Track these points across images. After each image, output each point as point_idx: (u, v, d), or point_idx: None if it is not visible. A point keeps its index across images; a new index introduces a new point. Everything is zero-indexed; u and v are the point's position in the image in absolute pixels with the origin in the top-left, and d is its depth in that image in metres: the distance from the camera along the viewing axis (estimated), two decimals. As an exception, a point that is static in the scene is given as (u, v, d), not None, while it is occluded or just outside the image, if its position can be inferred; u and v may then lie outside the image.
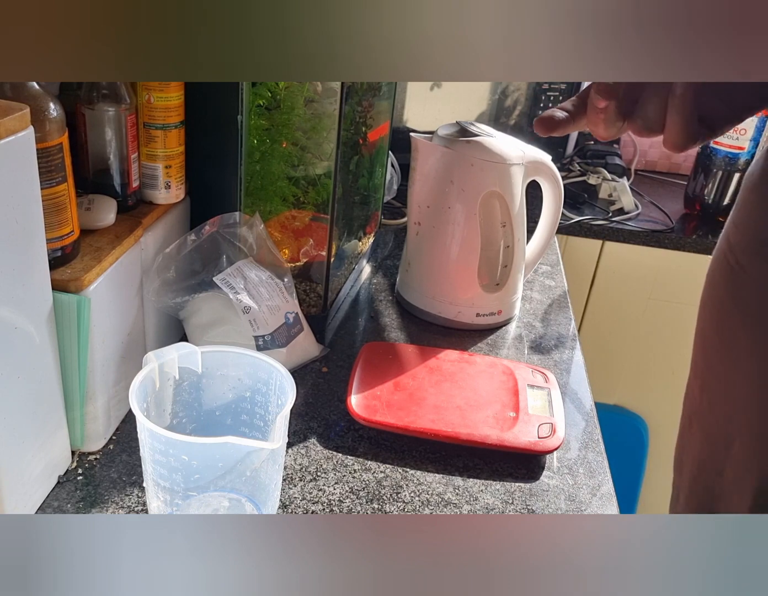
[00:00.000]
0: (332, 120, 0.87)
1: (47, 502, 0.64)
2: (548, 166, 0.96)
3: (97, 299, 0.63)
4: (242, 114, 0.76)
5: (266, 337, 0.79)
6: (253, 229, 0.83)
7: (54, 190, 0.59)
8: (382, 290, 1.09)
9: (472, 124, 0.95)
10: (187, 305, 0.80)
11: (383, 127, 1.13)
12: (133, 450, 0.70)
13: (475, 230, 0.94)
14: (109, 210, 0.69)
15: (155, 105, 0.71)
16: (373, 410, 0.76)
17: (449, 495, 0.70)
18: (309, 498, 0.68)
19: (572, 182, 1.61)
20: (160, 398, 0.63)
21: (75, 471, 0.67)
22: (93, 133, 0.70)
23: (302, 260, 0.97)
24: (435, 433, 0.74)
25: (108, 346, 0.68)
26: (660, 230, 1.48)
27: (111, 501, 0.65)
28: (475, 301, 0.97)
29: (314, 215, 0.96)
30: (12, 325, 0.55)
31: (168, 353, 0.62)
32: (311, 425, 0.77)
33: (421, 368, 0.84)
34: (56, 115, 0.57)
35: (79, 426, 0.67)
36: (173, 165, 0.75)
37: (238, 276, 0.79)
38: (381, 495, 0.69)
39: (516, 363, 0.88)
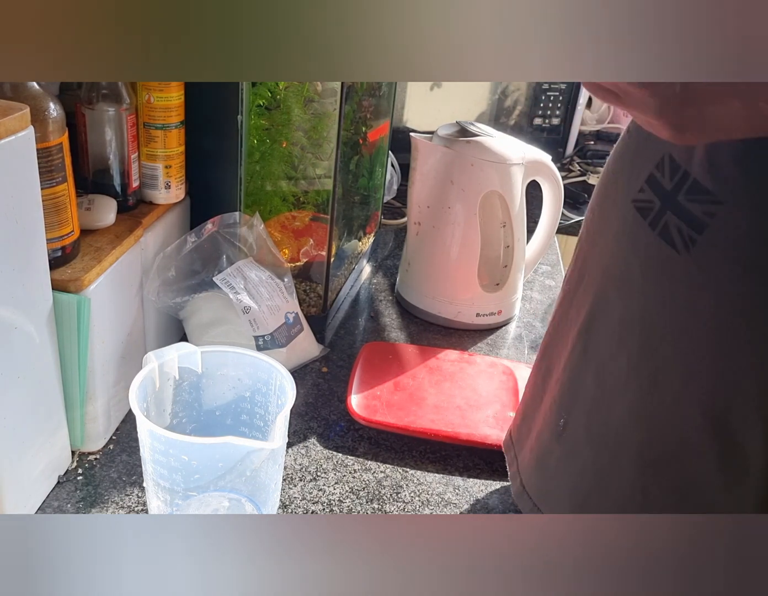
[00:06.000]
0: (332, 120, 0.87)
1: (47, 502, 0.64)
2: (548, 166, 0.96)
3: (97, 299, 0.63)
4: (242, 114, 0.76)
5: (266, 337, 0.79)
6: (253, 229, 0.83)
7: (54, 190, 0.59)
8: (382, 290, 1.09)
9: (472, 124, 0.95)
10: (187, 305, 0.80)
11: (383, 127, 1.13)
12: (133, 450, 0.70)
13: (475, 230, 0.94)
14: (109, 210, 0.69)
15: (155, 105, 0.71)
16: (373, 410, 0.76)
17: (449, 495, 0.70)
18: (309, 498, 0.68)
19: (572, 182, 1.61)
20: (160, 399, 0.63)
21: (75, 471, 0.67)
22: (93, 133, 0.70)
23: (302, 260, 0.97)
24: (435, 433, 0.74)
25: (108, 346, 0.68)
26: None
27: (111, 501, 0.65)
28: (475, 301, 0.97)
29: (314, 215, 0.96)
30: (12, 325, 0.55)
31: (168, 353, 0.62)
32: (311, 425, 0.77)
33: (421, 368, 0.84)
34: (56, 115, 0.57)
35: (79, 426, 0.67)
36: (173, 165, 0.75)
37: (238, 276, 0.79)
38: (381, 495, 0.69)
39: (516, 363, 0.88)
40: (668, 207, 0.47)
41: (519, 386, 0.82)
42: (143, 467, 0.60)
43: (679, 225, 0.46)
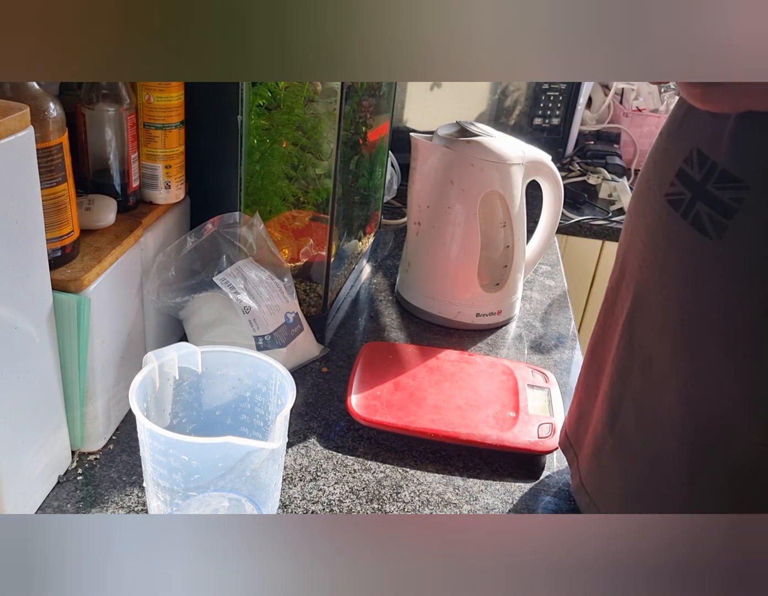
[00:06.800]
0: (332, 120, 0.87)
1: (47, 502, 0.64)
2: (548, 166, 0.96)
3: (97, 299, 0.63)
4: (242, 114, 0.76)
5: (266, 337, 0.79)
6: (253, 229, 0.83)
7: (54, 190, 0.59)
8: (382, 290, 1.09)
9: (472, 124, 0.95)
10: (187, 305, 0.80)
11: (383, 127, 1.13)
12: (133, 450, 0.70)
13: (475, 230, 0.94)
14: (109, 210, 0.69)
15: (155, 105, 0.71)
16: (373, 410, 0.76)
17: (449, 495, 0.70)
18: (309, 498, 0.68)
19: (572, 182, 1.61)
20: (160, 398, 0.63)
21: (75, 471, 0.67)
22: (93, 133, 0.70)
23: (302, 260, 0.97)
24: (435, 433, 0.74)
25: (108, 346, 0.68)
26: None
27: (111, 501, 0.65)
28: (475, 301, 0.97)
29: (314, 215, 0.96)
30: (12, 325, 0.55)
31: (168, 353, 0.62)
32: (311, 425, 0.77)
33: (421, 368, 0.84)
34: (56, 115, 0.57)
35: (79, 426, 0.67)
36: (173, 165, 0.75)
37: (238, 276, 0.79)
38: (381, 495, 0.69)
39: (516, 363, 0.88)
40: (698, 197, 0.50)
41: (519, 386, 0.82)
42: (143, 467, 0.60)
43: (709, 213, 0.49)
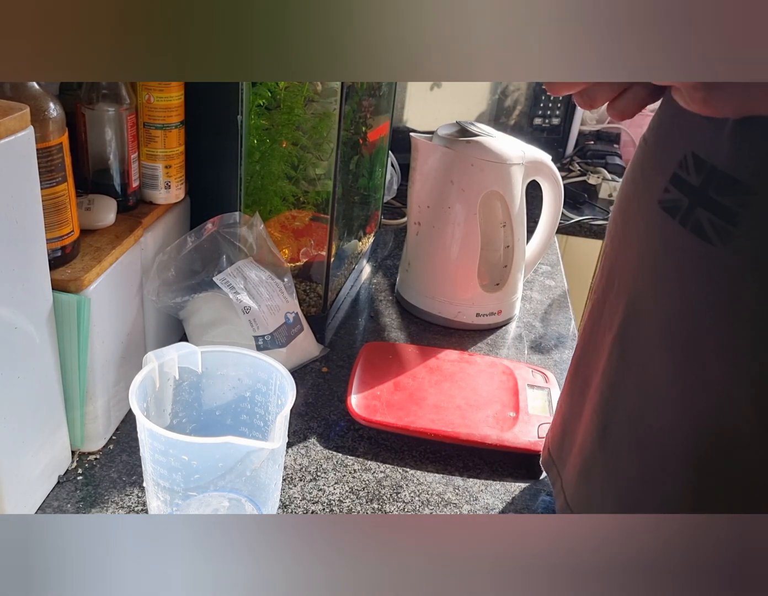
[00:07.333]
0: (332, 120, 0.87)
1: (47, 502, 0.64)
2: (548, 166, 0.96)
3: (97, 299, 0.63)
4: (242, 114, 0.76)
5: (266, 337, 0.79)
6: (253, 229, 0.83)
7: (54, 190, 0.59)
8: (382, 290, 1.09)
9: (472, 124, 0.95)
10: (187, 305, 0.80)
11: (383, 127, 1.13)
12: (133, 450, 0.70)
13: (475, 230, 0.94)
14: (109, 210, 0.69)
15: (155, 105, 0.71)
16: (373, 410, 0.76)
17: (449, 495, 0.70)
18: (309, 498, 0.68)
19: (572, 182, 1.61)
20: (160, 398, 0.63)
21: (75, 471, 0.67)
22: (93, 133, 0.70)
23: (302, 260, 0.97)
24: (435, 433, 0.74)
25: (108, 346, 0.68)
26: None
27: (111, 501, 0.65)
28: (475, 301, 0.97)
29: (314, 215, 0.96)
30: (12, 325, 0.55)
31: (168, 353, 0.62)
32: (311, 425, 0.77)
33: (421, 368, 0.84)
34: (56, 115, 0.57)
35: (79, 426, 0.67)
36: (173, 165, 0.75)
37: (238, 276, 0.79)
38: (381, 495, 0.69)
39: (516, 363, 0.88)
40: (698, 202, 0.47)
41: (519, 386, 0.82)
42: (143, 467, 0.60)
43: (711, 218, 0.46)
